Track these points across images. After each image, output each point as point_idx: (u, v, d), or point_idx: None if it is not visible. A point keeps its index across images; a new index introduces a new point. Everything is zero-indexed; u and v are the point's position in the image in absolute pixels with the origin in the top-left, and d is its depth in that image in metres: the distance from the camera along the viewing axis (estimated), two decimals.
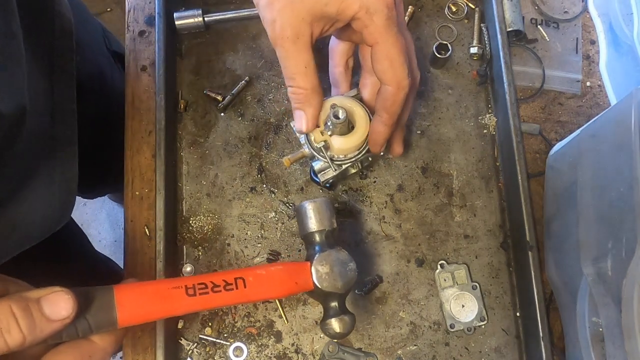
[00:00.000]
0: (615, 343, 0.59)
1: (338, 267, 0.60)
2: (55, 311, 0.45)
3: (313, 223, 0.63)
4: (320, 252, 0.61)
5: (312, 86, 0.62)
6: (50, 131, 0.70)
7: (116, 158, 0.84)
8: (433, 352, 0.76)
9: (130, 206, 0.80)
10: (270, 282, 0.58)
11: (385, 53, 0.60)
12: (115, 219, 2.03)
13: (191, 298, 0.54)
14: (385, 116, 0.64)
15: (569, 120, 0.85)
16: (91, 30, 0.98)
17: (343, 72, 0.71)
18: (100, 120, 0.99)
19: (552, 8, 0.89)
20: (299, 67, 0.60)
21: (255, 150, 0.82)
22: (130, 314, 0.51)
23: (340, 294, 0.61)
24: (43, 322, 0.44)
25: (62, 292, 0.45)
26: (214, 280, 0.55)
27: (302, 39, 0.59)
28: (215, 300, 0.55)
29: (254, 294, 0.57)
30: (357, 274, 0.62)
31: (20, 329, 0.43)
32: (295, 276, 0.60)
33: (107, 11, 2.14)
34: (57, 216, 0.74)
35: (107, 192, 1.47)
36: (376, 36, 0.59)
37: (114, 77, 1.02)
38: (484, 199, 0.81)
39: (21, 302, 0.44)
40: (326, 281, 0.60)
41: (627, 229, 0.56)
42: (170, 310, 0.54)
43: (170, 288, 0.53)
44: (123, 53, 1.04)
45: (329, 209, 0.64)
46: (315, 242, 0.63)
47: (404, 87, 0.62)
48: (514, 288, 0.78)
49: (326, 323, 0.61)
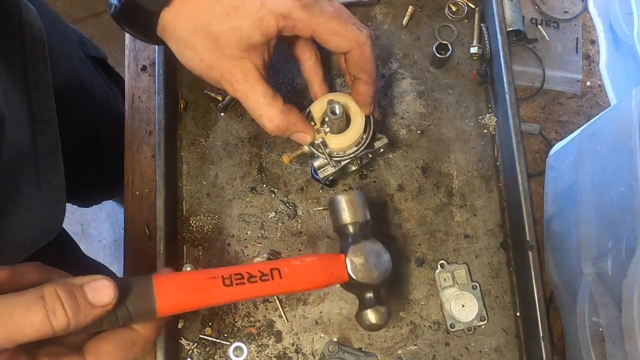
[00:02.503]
0: (615, 343, 0.59)
1: (373, 258, 0.61)
2: (98, 297, 0.45)
3: (347, 215, 0.63)
4: (354, 243, 0.61)
5: (280, 109, 0.63)
6: (32, 142, 0.70)
7: (105, 165, 0.84)
8: (433, 352, 0.76)
9: (130, 206, 0.80)
10: (306, 273, 0.58)
11: (327, 31, 0.61)
12: (115, 219, 2.03)
13: (228, 288, 0.54)
14: (364, 76, 0.65)
15: (569, 120, 0.85)
16: (66, 37, 0.98)
17: (312, 65, 0.71)
18: (83, 128, 0.99)
19: (552, 8, 0.89)
20: (258, 100, 0.62)
21: (255, 150, 0.82)
22: (169, 303, 0.51)
23: (375, 285, 0.61)
24: (87, 307, 0.45)
25: (104, 279, 0.46)
26: (250, 271, 0.56)
27: (250, 75, 0.61)
28: (251, 291, 0.55)
29: (289, 285, 0.57)
30: (391, 265, 0.62)
31: (66, 311, 0.43)
32: (330, 267, 0.60)
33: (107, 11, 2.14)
34: (49, 226, 0.74)
35: (102, 200, 1.47)
36: (307, 27, 0.60)
37: (94, 82, 1.02)
38: (484, 199, 0.81)
39: (65, 287, 0.44)
40: (361, 272, 0.60)
41: (627, 229, 0.56)
42: (208, 300, 0.54)
43: (208, 278, 0.54)
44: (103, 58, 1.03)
45: (363, 201, 0.64)
46: (349, 234, 0.63)
47: (364, 41, 0.62)
48: (514, 288, 0.78)
49: (362, 315, 0.61)
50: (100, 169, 1.08)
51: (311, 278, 0.58)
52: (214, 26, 0.59)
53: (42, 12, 0.76)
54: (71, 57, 0.97)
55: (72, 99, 0.93)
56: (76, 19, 2.12)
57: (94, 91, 1.01)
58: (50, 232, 0.74)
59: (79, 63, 1.00)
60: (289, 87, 0.84)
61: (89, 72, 1.02)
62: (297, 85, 0.83)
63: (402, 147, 0.82)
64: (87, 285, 0.46)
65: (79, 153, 0.97)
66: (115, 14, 0.62)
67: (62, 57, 0.91)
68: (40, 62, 0.73)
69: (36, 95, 0.72)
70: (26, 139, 0.69)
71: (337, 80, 0.84)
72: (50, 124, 0.73)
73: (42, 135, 0.72)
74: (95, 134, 1.04)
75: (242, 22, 0.59)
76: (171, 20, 0.61)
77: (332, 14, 0.61)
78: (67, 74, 0.92)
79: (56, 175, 0.74)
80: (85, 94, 0.99)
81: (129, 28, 0.65)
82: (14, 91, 0.68)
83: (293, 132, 0.67)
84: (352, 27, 0.62)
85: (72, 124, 0.89)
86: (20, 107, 0.69)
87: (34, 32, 0.73)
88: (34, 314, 0.42)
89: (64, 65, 0.91)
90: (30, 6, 0.73)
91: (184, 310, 0.53)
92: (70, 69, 0.95)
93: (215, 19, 0.59)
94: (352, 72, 0.66)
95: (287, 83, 0.84)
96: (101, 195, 1.39)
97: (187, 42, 0.61)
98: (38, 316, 0.42)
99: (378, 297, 0.62)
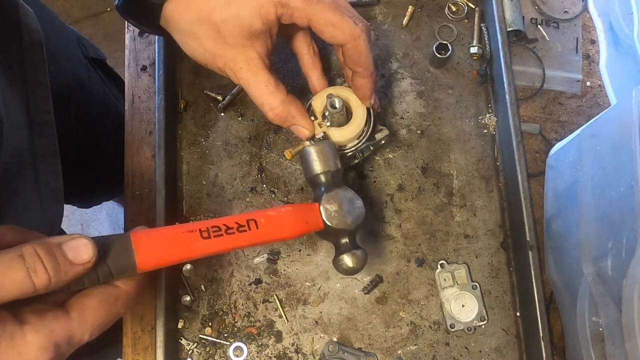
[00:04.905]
0: (615, 343, 0.59)
1: (346, 204, 0.62)
2: (77, 255, 0.46)
3: (318, 165, 0.64)
4: (327, 192, 0.62)
5: (282, 98, 0.64)
6: (30, 145, 0.71)
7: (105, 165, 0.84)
8: (433, 352, 0.76)
9: (130, 206, 0.80)
10: (282, 223, 0.59)
11: (323, 21, 0.62)
12: (115, 219, 2.03)
13: (206, 240, 0.54)
14: (360, 69, 0.66)
15: (569, 120, 0.85)
16: (64, 39, 0.98)
17: (309, 58, 0.71)
18: (83, 129, 0.99)
19: (552, 8, 0.89)
20: (260, 89, 0.63)
21: (255, 150, 0.82)
22: (149, 258, 0.51)
23: (350, 230, 0.62)
24: (67, 265, 0.45)
25: (82, 237, 0.46)
26: (227, 223, 0.56)
27: (253, 63, 0.62)
28: (229, 242, 0.56)
29: (266, 235, 0.58)
30: (364, 211, 0.63)
31: (46, 269, 0.43)
32: (305, 216, 0.60)
33: (107, 11, 2.14)
34: (47, 229, 0.74)
35: (102, 200, 1.47)
36: (304, 15, 0.61)
37: (93, 83, 1.03)
38: (484, 199, 0.81)
39: (44, 246, 0.45)
40: (335, 219, 0.61)
41: (627, 229, 0.56)
42: (187, 252, 0.54)
43: (185, 232, 0.54)
44: (102, 59, 1.03)
45: (332, 150, 0.65)
46: (321, 183, 0.64)
47: (359, 34, 0.63)
48: (514, 288, 0.78)
49: (339, 259, 0.62)
50: (100, 170, 1.08)
51: (287, 227, 0.59)
52: (215, 15, 0.60)
53: (41, 14, 0.76)
54: (70, 58, 0.97)
55: (71, 100, 0.93)
56: (76, 20, 2.12)
57: (93, 92, 1.01)
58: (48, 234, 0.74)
59: (78, 64, 1.00)
60: (289, 87, 0.82)
61: (88, 73, 1.02)
62: (297, 84, 0.83)
63: (402, 147, 0.82)
64: (65, 243, 0.46)
65: (78, 154, 0.97)
66: (120, 6, 0.64)
67: (61, 59, 0.91)
68: (38, 64, 0.73)
69: (34, 97, 0.72)
70: (24, 141, 0.69)
71: (338, 80, 0.84)
72: (48, 126, 0.74)
73: (40, 138, 0.72)
74: (95, 134, 1.04)
75: (242, 10, 0.60)
76: (174, 11, 0.62)
77: (330, 4, 0.61)
78: (66, 75, 0.92)
79: (54, 178, 0.74)
80: (84, 95, 0.99)
81: (133, 20, 0.66)
82: (12, 93, 0.68)
83: (292, 124, 0.67)
84: (348, 19, 0.62)
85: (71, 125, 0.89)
86: (18, 110, 0.69)
87: (32, 35, 0.73)
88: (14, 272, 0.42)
89: (62, 66, 0.91)
90: (28, 8, 0.73)
91: (164, 265, 0.53)
92: (69, 70, 0.95)
93: (216, 8, 0.60)
94: (349, 65, 0.66)
95: (287, 82, 0.83)
96: (101, 195, 1.39)
97: (190, 32, 0.62)
98: (19, 274, 0.42)
99: (353, 241, 0.63)
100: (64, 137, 0.76)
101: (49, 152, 0.73)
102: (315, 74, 0.71)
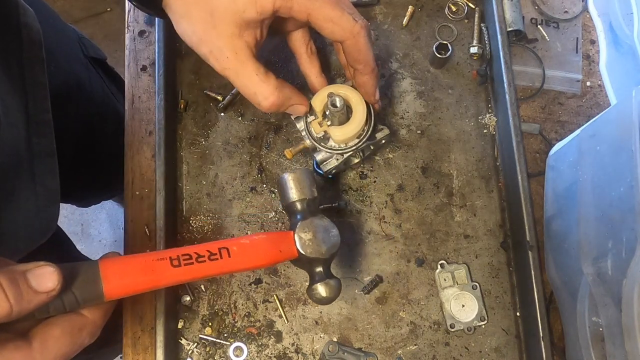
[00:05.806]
0: (615, 343, 0.59)
1: (321, 233, 0.61)
2: (41, 283, 0.45)
3: (294, 193, 0.63)
4: (302, 220, 0.62)
5: (274, 85, 0.63)
6: (28, 144, 0.70)
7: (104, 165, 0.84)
8: (433, 352, 0.76)
9: (130, 206, 0.80)
10: (255, 251, 0.58)
11: (322, 17, 0.61)
12: (115, 219, 2.03)
13: (176, 269, 0.54)
14: (360, 66, 0.66)
15: (569, 120, 0.85)
16: (65, 38, 0.98)
17: (307, 58, 0.71)
18: (82, 128, 0.99)
19: (552, 8, 0.89)
20: (251, 78, 0.62)
21: (255, 150, 0.82)
22: (116, 287, 0.51)
23: (324, 259, 0.61)
24: (30, 294, 0.44)
25: (48, 265, 0.46)
26: (198, 251, 0.55)
27: (241, 53, 0.61)
28: (200, 271, 0.55)
29: (238, 263, 0.57)
30: (339, 240, 0.62)
31: (8, 298, 0.43)
32: (279, 244, 0.60)
33: (107, 11, 2.14)
34: (43, 228, 0.74)
35: (101, 200, 1.47)
36: (304, 9, 0.60)
37: (93, 83, 1.02)
38: (484, 199, 0.81)
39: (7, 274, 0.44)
40: (310, 247, 0.60)
41: (627, 229, 0.56)
42: (156, 281, 0.54)
43: (155, 260, 0.53)
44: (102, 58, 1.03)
45: (309, 178, 0.64)
46: (297, 211, 0.63)
47: (358, 31, 0.62)
48: (514, 288, 0.78)
49: (312, 288, 0.61)
50: (99, 169, 1.08)
51: (260, 256, 0.58)
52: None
53: (41, 13, 0.76)
54: (70, 57, 0.97)
55: (71, 100, 0.93)
56: (76, 19, 2.12)
57: (92, 91, 1.01)
58: (44, 234, 0.74)
59: (77, 63, 1.00)
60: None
61: (87, 72, 1.02)
62: (297, 84, 0.83)
63: (402, 147, 0.82)
64: (30, 271, 0.45)
65: (77, 153, 0.97)
66: None
67: (60, 58, 0.91)
68: (37, 63, 0.73)
69: (33, 97, 0.72)
70: (22, 140, 0.69)
71: (338, 80, 0.84)
72: (46, 126, 0.73)
73: (37, 137, 0.72)
74: (94, 134, 1.03)
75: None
76: None
77: (330, 0, 0.61)
78: (65, 75, 0.92)
79: (51, 178, 0.74)
80: (84, 95, 0.99)
81: (137, 2, 0.66)
82: (11, 93, 0.68)
83: (289, 106, 0.66)
84: (348, 16, 0.62)
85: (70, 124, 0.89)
86: (16, 109, 0.69)
87: (32, 34, 0.73)
88: None
89: (62, 65, 0.91)
90: (28, 7, 0.73)
91: (132, 293, 0.53)
92: (69, 70, 0.95)
93: None
94: (350, 62, 0.66)
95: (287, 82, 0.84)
96: (100, 195, 1.38)
97: (185, 12, 0.61)
98: None
99: (327, 271, 0.62)
100: (62, 137, 0.76)
101: (46, 151, 0.73)
102: (313, 72, 0.71)
